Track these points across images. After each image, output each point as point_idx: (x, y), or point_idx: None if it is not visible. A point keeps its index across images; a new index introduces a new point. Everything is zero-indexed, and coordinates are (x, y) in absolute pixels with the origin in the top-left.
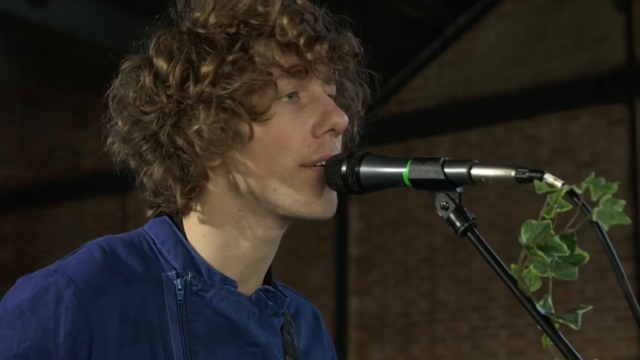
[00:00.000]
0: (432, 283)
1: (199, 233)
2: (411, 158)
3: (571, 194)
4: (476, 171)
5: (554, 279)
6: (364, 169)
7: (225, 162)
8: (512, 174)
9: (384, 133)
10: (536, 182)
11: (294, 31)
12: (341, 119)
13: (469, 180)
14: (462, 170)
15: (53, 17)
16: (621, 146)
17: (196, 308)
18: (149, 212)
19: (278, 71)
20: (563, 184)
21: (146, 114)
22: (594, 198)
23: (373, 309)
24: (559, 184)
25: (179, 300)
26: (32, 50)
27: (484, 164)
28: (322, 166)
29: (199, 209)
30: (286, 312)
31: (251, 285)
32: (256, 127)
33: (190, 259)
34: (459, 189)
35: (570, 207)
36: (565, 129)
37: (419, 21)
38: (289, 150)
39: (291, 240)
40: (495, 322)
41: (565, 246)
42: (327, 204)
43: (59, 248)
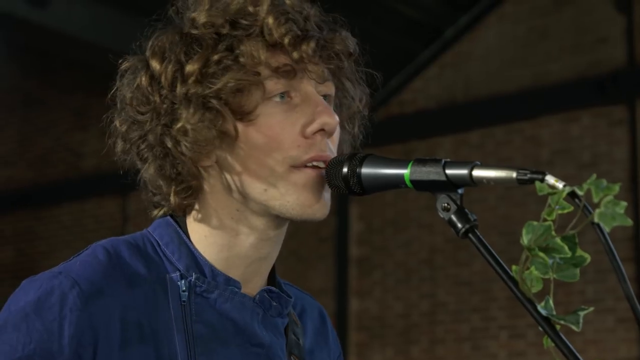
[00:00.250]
0: (433, 284)
1: (201, 234)
2: (412, 159)
3: (572, 195)
4: (477, 172)
5: (555, 281)
6: (365, 170)
7: (218, 162)
8: (514, 175)
9: (385, 134)
10: (537, 184)
11: (280, 30)
12: (331, 119)
13: (470, 181)
14: (464, 172)
15: (53, 18)
16: (622, 147)
17: (200, 309)
18: (155, 212)
19: (267, 71)
20: (564, 186)
21: (142, 114)
22: (595, 199)
23: (373, 310)
24: (560, 185)
25: (183, 301)
26: (32, 51)
27: (485, 165)
28: (313, 167)
29: (199, 209)
30: (292, 311)
31: (254, 286)
32: (245, 127)
33: (194, 260)
34: (460, 191)
35: (571, 208)
36: (565, 130)
37: (419, 22)
38: (279, 151)
39: (291, 241)
40: (495, 323)
41: (566, 247)
42: (319, 206)
43: (60, 249)
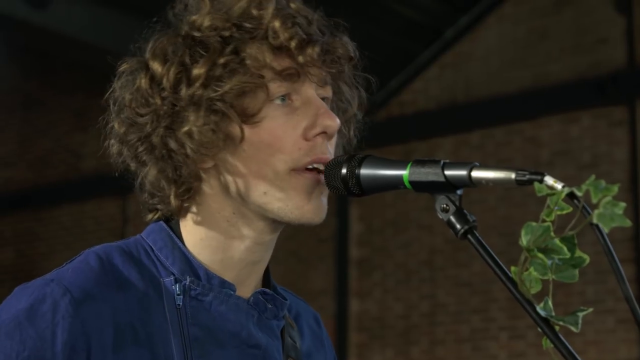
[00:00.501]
0: (433, 285)
1: (196, 237)
2: (411, 160)
3: (571, 196)
4: (476, 173)
5: (555, 282)
6: (364, 171)
7: (218, 164)
8: (513, 176)
9: (385, 135)
10: (536, 185)
11: (286, 34)
12: (333, 122)
13: (470, 182)
14: (463, 173)
15: (54, 19)
16: (621, 148)
17: (196, 312)
18: (149, 216)
19: (270, 74)
20: (563, 186)
21: (141, 115)
22: (594, 200)
23: (373, 311)
24: (559, 186)
25: (178, 305)
26: (32, 52)
27: (484, 166)
28: (313, 169)
29: (195, 211)
30: (287, 314)
31: (248, 288)
32: (248, 130)
33: (188, 263)
34: (459, 191)
35: (570, 209)
36: (565, 130)
37: (419, 23)
38: (280, 153)
39: (291, 242)
40: (495, 324)
41: (565, 248)
42: (317, 210)
43: (59, 250)
